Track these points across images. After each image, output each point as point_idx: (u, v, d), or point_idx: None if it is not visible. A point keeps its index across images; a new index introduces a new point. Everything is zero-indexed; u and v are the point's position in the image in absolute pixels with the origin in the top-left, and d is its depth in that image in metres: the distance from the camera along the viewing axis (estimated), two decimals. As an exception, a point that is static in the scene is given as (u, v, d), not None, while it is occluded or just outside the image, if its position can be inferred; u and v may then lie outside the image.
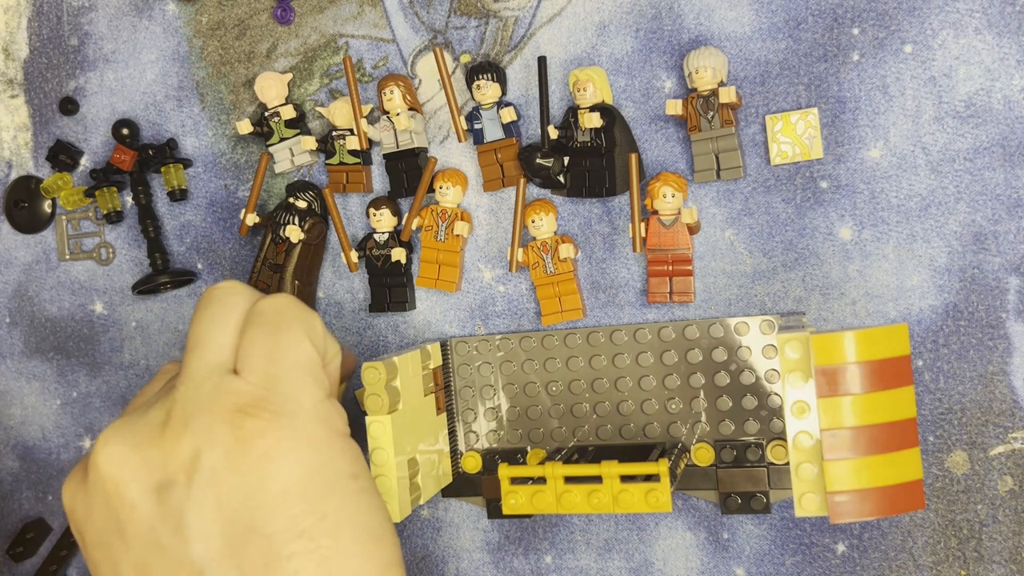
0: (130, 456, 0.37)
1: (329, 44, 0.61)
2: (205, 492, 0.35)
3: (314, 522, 0.36)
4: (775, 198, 0.54)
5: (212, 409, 0.37)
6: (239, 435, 0.36)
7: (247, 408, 0.37)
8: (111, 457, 0.37)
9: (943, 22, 0.51)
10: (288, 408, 0.37)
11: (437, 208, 0.58)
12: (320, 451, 0.37)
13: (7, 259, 0.69)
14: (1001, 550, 0.51)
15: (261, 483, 0.36)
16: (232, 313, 0.40)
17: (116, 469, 0.37)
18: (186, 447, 0.36)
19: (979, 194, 0.51)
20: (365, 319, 0.61)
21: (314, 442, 0.37)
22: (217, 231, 0.64)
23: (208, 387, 0.38)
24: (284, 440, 0.36)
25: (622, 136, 0.55)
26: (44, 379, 0.68)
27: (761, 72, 0.54)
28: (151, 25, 0.64)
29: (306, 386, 0.39)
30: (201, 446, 0.36)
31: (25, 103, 0.67)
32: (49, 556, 0.67)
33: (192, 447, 0.36)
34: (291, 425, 0.37)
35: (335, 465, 0.38)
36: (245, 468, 0.36)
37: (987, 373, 0.51)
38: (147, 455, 0.37)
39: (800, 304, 0.54)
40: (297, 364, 0.39)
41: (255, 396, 0.37)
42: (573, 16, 0.57)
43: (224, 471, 0.36)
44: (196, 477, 0.36)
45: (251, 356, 0.39)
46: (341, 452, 0.38)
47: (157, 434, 0.37)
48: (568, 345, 0.56)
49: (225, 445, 0.36)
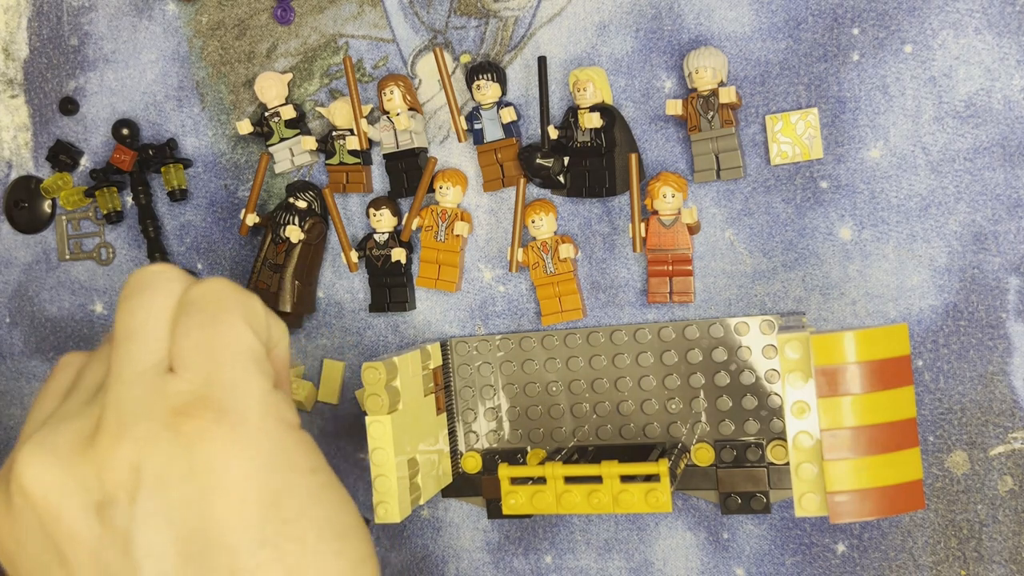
0: (60, 474, 0.33)
1: (329, 44, 0.61)
2: (151, 508, 0.32)
3: (276, 527, 0.33)
4: (775, 198, 0.54)
5: (148, 414, 0.33)
6: (181, 440, 0.32)
7: (187, 409, 0.33)
8: (38, 478, 0.33)
9: (943, 22, 0.51)
10: (232, 405, 0.34)
11: (437, 208, 0.58)
12: (273, 448, 0.34)
13: (7, 259, 0.69)
14: (1001, 550, 0.51)
15: (212, 491, 0.32)
16: (162, 300, 0.36)
17: (46, 491, 0.32)
18: (123, 459, 0.32)
19: (979, 194, 0.51)
20: (365, 319, 0.61)
21: (264, 438, 0.34)
22: (217, 231, 0.64)
23: (141, 388, 0.34)
24: (231, 441, 0.33)
25: (622, 136, 0.55)
26: (44, 379, 0.68)
27: (761, 72, 0.54)
28: (151, 25, 0.64)
29: (250, 378, 0.35)
30: (140, 456, 0.32)
31: (25, 103, 0.67)
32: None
33: (130, 458, 0.32)
34: (238, 423, 0.33)
35: (290, 461, 0.34)
36: (192, 476, 0.32)
37: (987, 373, 0.51)
38: (79, 471, 0.33)
39: (800, 304, 0.54)
40: (238, 355, 0.35)
41: (195, 395, 0.33)
42: (573, 16, 0.57)
43: (169, 482, 0.32)
44: (139, 492, 0.32)
45: (186, 350, 0.35)
46: (296, 446, 0.35)
47: (87, 446, 0.33)
48: (568, 345, 0.56)
49: (166, 453, 0.32)
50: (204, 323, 0.35)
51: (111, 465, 0.32)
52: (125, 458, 0.32)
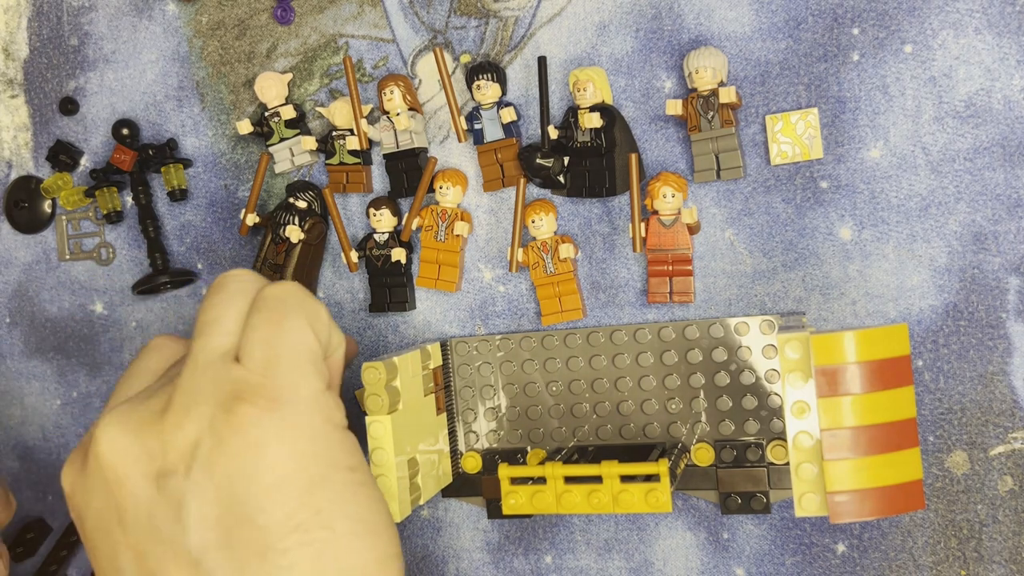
0: (131, 444, 0.36)
1: (329, 44, 0.61)
2: (202, 481, 0.35)
3: (309, 515, 0.35)
4: (775, 198, 0.54)
5: (211, 397, 0.36)
6: (233, 422, 0.36)
7: (243, 395, 0.36)
8: (112, 444, 0.36)
9: (943, 22, 0.51)
10: (285, 396, 0.37)
11: (437, 208, 0.58)
12: (316, 442, 0.37)
13: (7, 259, 0.69)
14: (1001, 550, 0.51)
15: (255, 473, 0.35)
16: (239, 299, 0.40)
17: (117, 456, 0.36)
18: (186, 436, 0.36)
19: (979, 194, 0.51)
20: (365, 319, 0.61)
21: (310, 432, 0.37)
22: (217, 231, 0.64)
23: (209, 374, 0.37)
24: (278, 429, 0.36)
25: (622, 136, 0.55)
26: (44, 379, 0.68)
27: (761, 72, 0.54)
28: (151, 25, 0.64)
29: (305, 375, 0.38)
30: (200, 435, 0.36)
31: (25, 103, 0.67)
32: (49, 556, 0.67)
33: (191, 435, 0.36)
34: (287, 414, 0.36)
35: (331, 457, 0.37)
36: (239, 457, 0.35)
37: (987, 373, 0.51)
38: (147, 443, 0.36)
39: (800, 304, 0.54)
40: (297, 352, 0.38)
41: (252, 383, 0.37)
42: (573, 16, 0.57)
43: (219, 460, 0.35)
44: (194, 466, 0.35)
45: (252, 342, 0.38)
46: (339, 444, 0.38)
47: (157, 421, 0.37)
48: (568, 345, 0.56)
49: (220, 433, 0.35)
50: (271, 320, 0.39)
51: (174, 440, 0.36)
52: (187, 435, 0.36)
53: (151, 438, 0.36)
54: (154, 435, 0.36)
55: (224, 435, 0.35)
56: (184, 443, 0.36)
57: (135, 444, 0.36)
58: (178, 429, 0.36)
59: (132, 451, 0.36)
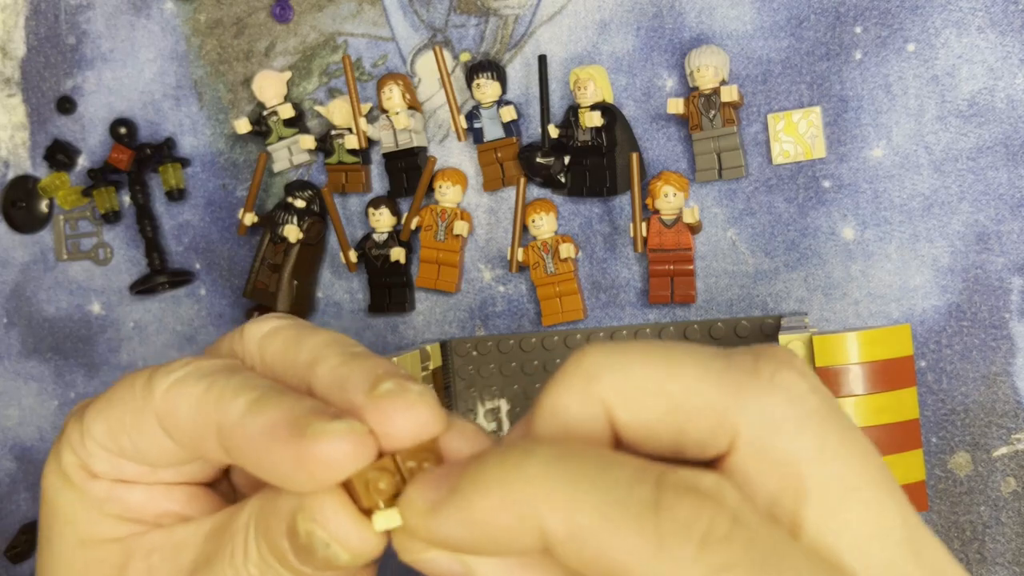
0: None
1: (328, 42, 0.61)
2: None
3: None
4: (777, 198, 0.54)
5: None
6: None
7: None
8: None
9: (946, 21, 0.51)
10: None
11: (437, 208, 0.58)
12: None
13: (4, 259, 0.68)
14: (1004, 552, 0.51)
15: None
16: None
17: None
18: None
19: (982, 194, 0.51)
20: (364, 320, 0.61)
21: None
22: (215, 231, 0.64)
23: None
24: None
25: (623, 135, 0.55)
26: (42, 380, 0.68)
27: (763, 71, 0.53)
28: (149, 24, 0.64)
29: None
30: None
31: (22, 102, 0.67)
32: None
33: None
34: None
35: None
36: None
37: (990, 374, 0.51)
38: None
39: (802, 304, 0.53)
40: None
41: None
42: (574, 14, 0.56)
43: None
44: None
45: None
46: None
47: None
48: (568, 345, 0.56)
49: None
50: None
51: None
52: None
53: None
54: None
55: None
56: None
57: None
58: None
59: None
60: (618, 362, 0.22)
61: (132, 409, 0.25)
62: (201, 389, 0.24)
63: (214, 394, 0.24)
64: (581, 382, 0.22)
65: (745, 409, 0.21)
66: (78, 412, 0.27)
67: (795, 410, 0.21)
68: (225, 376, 0.24)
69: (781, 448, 0.21)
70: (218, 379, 0.24)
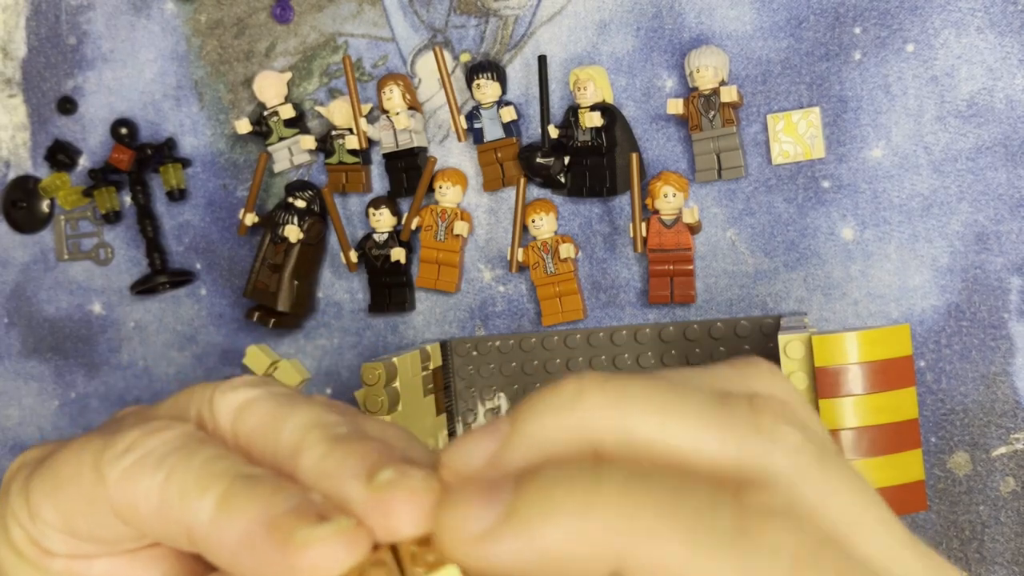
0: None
1: (328, 43, 0.61)
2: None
3: None
4: (777, 198, 0.54)
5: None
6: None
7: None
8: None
9: (945, 21, 0.51)
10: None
11: (437, 208, 0.58)
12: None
13: (5, 259, 0.68)
14: (1003, 551, 0.51)
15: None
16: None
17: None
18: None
19: (981, 194, 0.51)
20: (364, 319, 0.61)
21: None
22: (216, 231, 0.64)
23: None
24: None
25: (623, 135, 0.55)
26: (42, 380, 0.68)
27: (763, 71, 0.54)
28: (149, 24, 0.64)
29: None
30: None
31: (23, 102, 0.67)
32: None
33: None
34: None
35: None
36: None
37: (990, 374, 0.51)
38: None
39: (802, 304, 0.53)
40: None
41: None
42: (573, 15, 0.56)
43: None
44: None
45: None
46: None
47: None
48: (568, 345, 0.56)
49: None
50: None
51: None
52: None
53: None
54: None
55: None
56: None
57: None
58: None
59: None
60: (617, 411, 0.21)
61: (84, 496, 0.23)
62: (159, 481, 0.22)
63: (175, 488, 0.22)
64: (574, 422, 0.22)
65: (745, 467, 0.20)
66: (21, 479, 0.25)
67: (792, 463, 0.20)
68: (184, 460, 0.22)
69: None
70: (177, 466, 0.22)
